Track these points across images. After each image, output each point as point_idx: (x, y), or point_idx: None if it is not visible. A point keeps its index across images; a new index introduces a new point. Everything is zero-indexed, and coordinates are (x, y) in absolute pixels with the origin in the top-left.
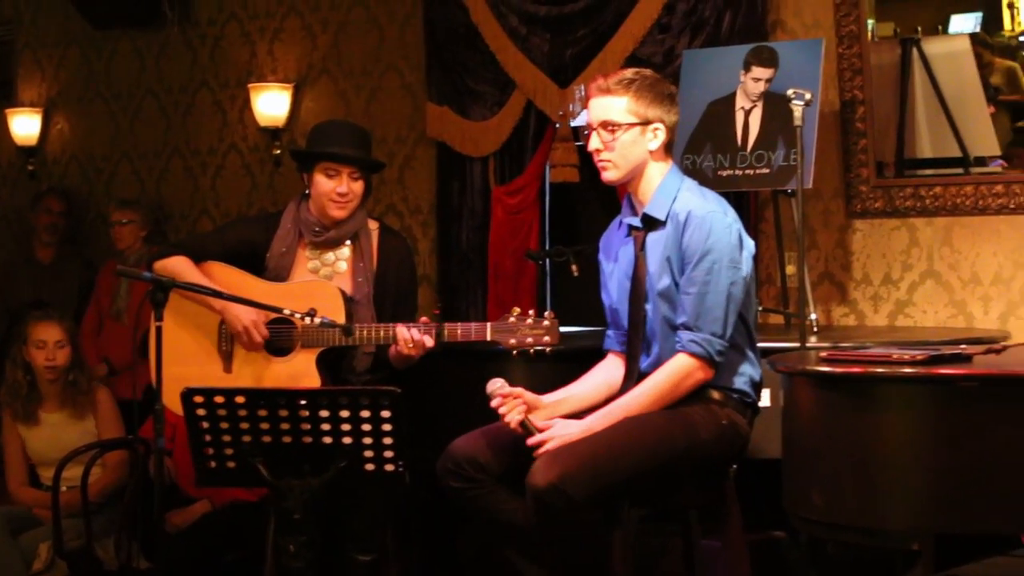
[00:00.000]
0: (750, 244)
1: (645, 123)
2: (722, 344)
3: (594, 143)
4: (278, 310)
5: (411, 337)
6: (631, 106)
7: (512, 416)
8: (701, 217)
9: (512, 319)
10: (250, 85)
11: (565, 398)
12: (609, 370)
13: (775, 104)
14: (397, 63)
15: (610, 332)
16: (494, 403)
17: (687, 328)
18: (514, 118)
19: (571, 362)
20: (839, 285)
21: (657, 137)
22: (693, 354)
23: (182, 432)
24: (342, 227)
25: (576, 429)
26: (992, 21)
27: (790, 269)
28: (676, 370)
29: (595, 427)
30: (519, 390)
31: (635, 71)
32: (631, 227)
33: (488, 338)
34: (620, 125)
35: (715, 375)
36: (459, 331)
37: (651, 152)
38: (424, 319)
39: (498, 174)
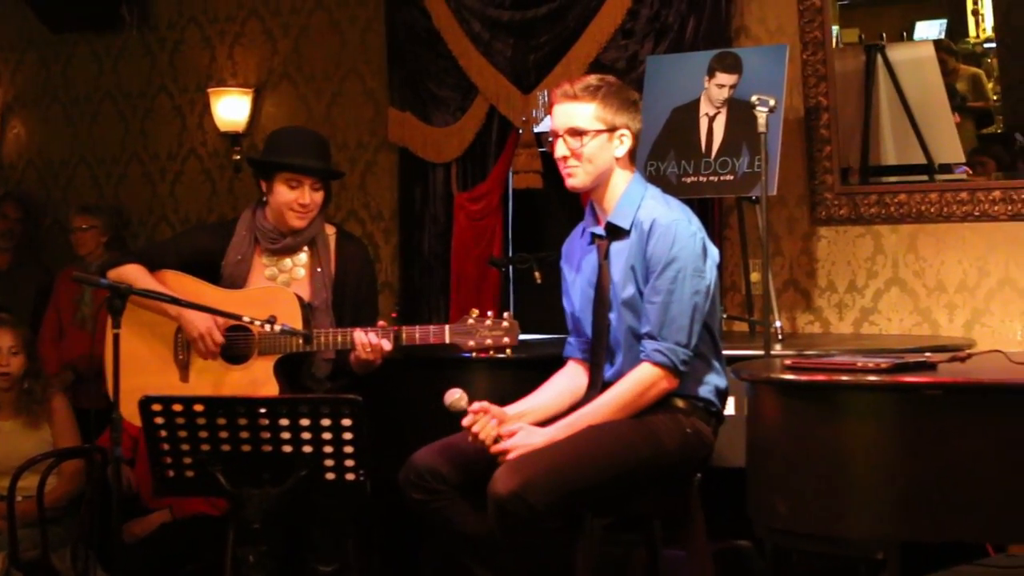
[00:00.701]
0: (714, 252)
1: (612, 130)
2: (686, 353)
3: (560, 150)
4: (237, 317)
5: (369, 341)
6: (598, 112)
7: (486, 433)
8: (666, 226)
9: (471, 321)
10: (210, 90)
11: (529, 409)
12: (571, 378)
13: (739, 110)
14: (359, 68)
15: (571, 339)
16: (466, 421)
17: (651, 337)
18: (477, 124)
19: (535, 370)
20: (804, 292)
21: (623, 144)
22: (657, 363)
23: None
24: (299, 233)
25: (539, 438)
26: (957, 28)
27: (755, 276)
28: (640, 380)
29: (558, 436)
30: (486, 404)
31: (599, 77)
32: (594, 235)
33: (447, 340)
34: (587, 132)
35: (680, 384)
36: (417, 334)
37: (617, 159)
38: (382, 323)
39: (460, 180)
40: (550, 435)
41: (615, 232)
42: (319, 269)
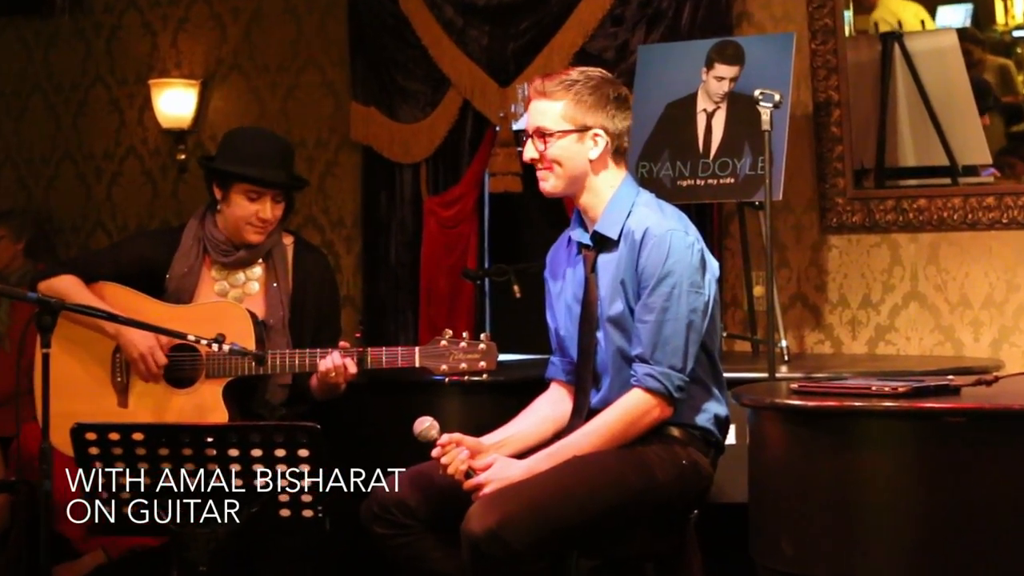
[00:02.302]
0: (714, 265)
1: (582, 130)
2: (682, 379)
3: (528, 152)
4: (182, 335)
5: (331, 364)
6: (567, 111)
7: (455, 467)
8: (659, 236)
9: (444, 343)
10: (151, 81)
11: (507, 438)
12: (554, 403)
13: (741, 106)
14: (317, 58)
15: (554, 359)
16: (434, 453)
17: (643, 360)
18: (449, 120)
19: (513, 395)
20: (813, 308)
21: (597, 145)
22: (649, 389)
23: (61, 472)
24: (254, 246)
25: (517, 470)
26: (983, 14)
27: (758, 291)
28: (631, 407)
29: (538, 468)
30: (457, 436)
31: (581, 71)
32: (580, 245)
33: (416, 364)
34: (552, 133)
35: (675, 412)
36: (384, 357)
37: (592, 162)
38: (344, 344)
39: (431, 183)
40: (529, 467)
41: (602, 242)
42: (275, 284)
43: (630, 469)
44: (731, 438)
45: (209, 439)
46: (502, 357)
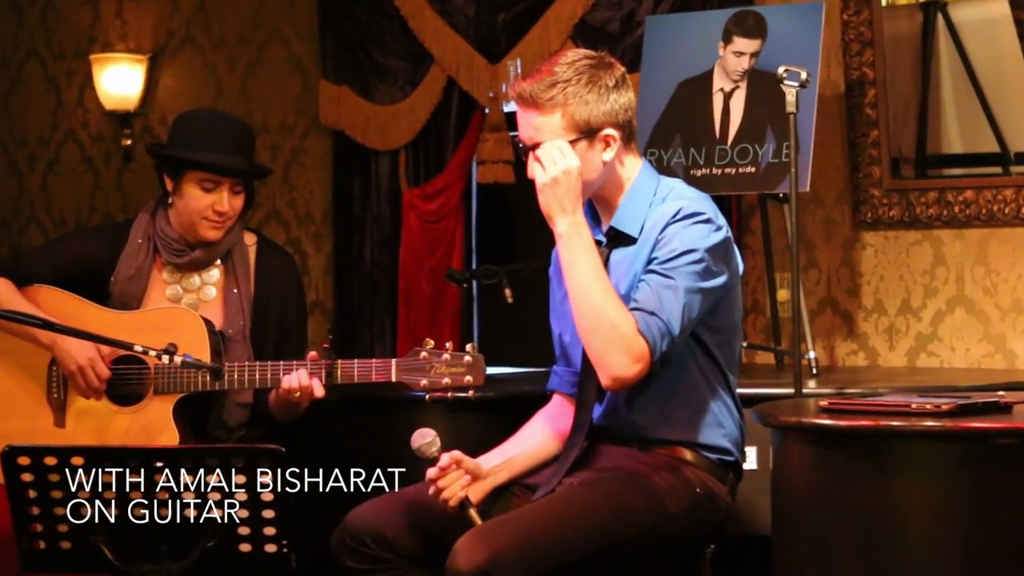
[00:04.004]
0: (739, 264)
1: (590, 135)
2: (670, 343)
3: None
4: (127, 346)
5: (296, 384)
6: (569, 120)
7: (451, 491)
8: (688, 214)
9: (424, 354)
10: (93, 56)
11: (507, 461)
12: (556, 418)
13: (763, 85)
14: (282, 30)
15: (557, 368)
16: (431, 473)
17: (639, 309)
18: (432, 101)
19: (505, 413)
20: (844, 315)
21: (611, 146)
22: (641, 332)
23: None
24: (211, 245)
25: None
26: None
27: (783, 295)
28: (628, 322)
29: None
30: (457, 454)
31: (568, 64)
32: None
33: (393, 379)
34: None
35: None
36: (356, 371)
37: (606, 163)
38: (313, 354)
39: (411, 172)
40: None
41: (617, 238)
42: (235, 290)
43: (637, 498)
44: (752, 463)
45: (159, 463)
46: (492, 371)
